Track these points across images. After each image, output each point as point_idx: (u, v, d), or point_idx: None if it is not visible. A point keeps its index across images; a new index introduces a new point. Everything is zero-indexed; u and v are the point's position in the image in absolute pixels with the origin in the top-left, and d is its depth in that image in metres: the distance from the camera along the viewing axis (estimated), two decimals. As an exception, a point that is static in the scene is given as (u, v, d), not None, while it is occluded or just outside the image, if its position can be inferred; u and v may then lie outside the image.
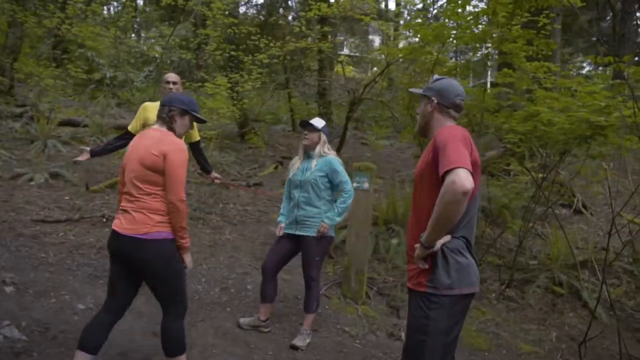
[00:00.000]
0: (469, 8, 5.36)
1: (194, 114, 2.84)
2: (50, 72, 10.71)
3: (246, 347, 3.55)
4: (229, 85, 9.42)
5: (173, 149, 2.64)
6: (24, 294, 3.74)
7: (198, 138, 4.66)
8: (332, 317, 4.37)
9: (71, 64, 11.86)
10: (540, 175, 5.77)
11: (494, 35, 5.42)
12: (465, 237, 2.24)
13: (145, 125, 4.27)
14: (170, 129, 2.77)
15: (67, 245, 4.94)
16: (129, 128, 4.31)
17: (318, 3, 7.98)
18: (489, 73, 11.09)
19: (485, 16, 5.11)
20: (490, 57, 5.38)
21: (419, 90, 2.49)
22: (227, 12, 9.56)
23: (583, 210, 8.10)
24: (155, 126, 2.81)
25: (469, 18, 4.87)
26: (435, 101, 2.35)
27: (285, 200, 3.96)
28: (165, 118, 2.77)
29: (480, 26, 5.54)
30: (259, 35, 9.39)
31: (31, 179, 6.90)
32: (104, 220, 5.79)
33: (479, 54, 5.57)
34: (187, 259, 2.78)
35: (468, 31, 4.99)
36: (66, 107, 11.60)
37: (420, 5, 15.06)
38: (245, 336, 3.72)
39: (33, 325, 3.32)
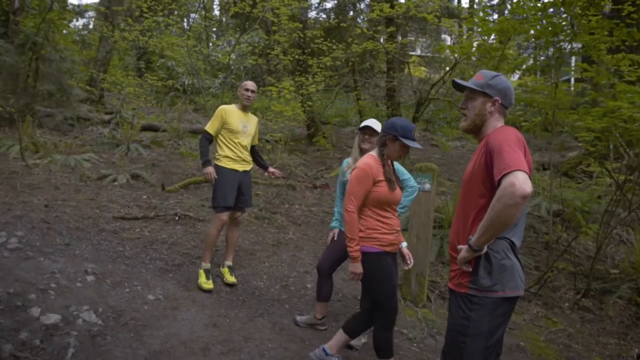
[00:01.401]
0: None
1: (404, 140, 2.92)
2: (131, 80, 11.54)
3: (301, 344, 3.61)
4: (292, 88, 9.63)
5: (354, 168, 2.95)
6: (102, 283, 4.06)
7: (257, 142, 4.86)
8: (390, 318, 4.32)
9: (153, 73, 12.69)
10: (623, 176, 5.34)
11: (570, 27, 5.11)
12: (510, 238, 2.14)
13: (223, 128, 4.50)
14: (381, 152, 3.00)
15: (142, 240, 5.29)
16: (209, 129, 4.56)
17: (380, 4, 7.94)
18: (572, 68, 10.44)
19: (555, 8, 4.81)
20: (563, 51, 5.05)
21: (471, 85, 2.36)
22: (295, 17, 9.79)
23: (677, 216, 7.38)
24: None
25: (534, 12, 4.59)
26: (500, 101, 2.27)
27: (339, 204, 3.95)
28: (379, 142, 3.03)
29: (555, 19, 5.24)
30: (322, 39, 9.52)
31: (115, 180, 7.48)
32: (177, 218, 6.14)
33: (550, 48, 5.23)
34: (350, 268, 2.89)
35: (537, 25, 4.73)
36: (148, 113, 12.45)
37: (495, 1, 14.55)
38: (301, 333, 3.79)
39: (108, 311, 3.60)
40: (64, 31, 13.91)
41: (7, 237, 4.56)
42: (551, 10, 5.20)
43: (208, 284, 4.32)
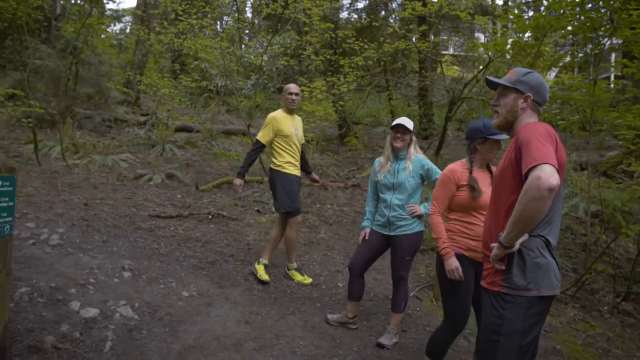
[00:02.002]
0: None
1: (493, 137, 2.96)
2: (166, 82, 11.80)
3: (332, 342, 3.62)
4: (324, 88, 9.64)
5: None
6: (138, 279, 4.17)
7: (303, 141, 4.89)
8: (422, 318, 4.29)
9: (187, 75, 12.95)
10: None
11: (610, 22, 4.93)
12: (545, 236, 2.09)
13: (277, 136, 4.57)
14: (471, 159, 3.04)
15: (177, 238, 5.42)
16: (261, 139, 4.60)
17: (413, 2, 7.86)
18: (612, 64, 10.10)
19: (593, 2, 4.65)
20: (602, 47, 4.88)
21: (503, 81, 2.34)
22: (327, 18, 9.79)
23: None
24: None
25: (571, 7, 4.43)
26: (532, 97, 2.24)
27: (371, 203, 3.95)
28: (469, 150, 3.06)
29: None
30: (354, 39, 9.50)
31: (150, 179, 7.68)
32: (210, 217, 6.25)
33: (588, 44, 5.06)
34: (445, 267, 2.90)
35: (574, 20, 4.59)
36: (182, 115, 12.70)
37: (531, -2, 14.18)
38: (332, 331, 3.79)
39: (144, 306, 3.70)
40: (102, 36, 14.36)
41: (49, 234, 4.75)
42: (589, 5, 5.04)
43: (306, 279, 4.65)
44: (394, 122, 3.73)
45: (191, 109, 14.79)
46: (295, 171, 4.67)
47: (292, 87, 4.71)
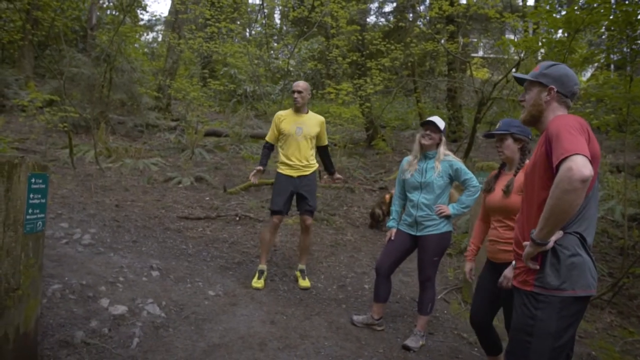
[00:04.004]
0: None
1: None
2: (195, 87, 12.00)
3: (357, 343, 3.57)
4: (350, 89, 9.60)
5: None
6: (166, 278, 4.23)
7: (326, 143, 4.85)
8: (450, 321, 4.20)
9: (217, 81, 13.15)
10: None
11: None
12: (581, 233, 2.00)
13: (280, 134, 4.57)
14: (523, 160, 3.06)
15: (204, 239, 5.48)
16: (267, 138, 4.68)
17: (440, 0, 7.75)
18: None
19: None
20: (639, 42, 4.69)
21: (527, 76, 2.29)
22: (353, 21, 9.78)
23: None
24: None
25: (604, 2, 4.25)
26: (556, 89, 2.17)
27: (398, 202, 3.89)
28: (523, 150, 3.05)
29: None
30: (380, 40, 9.44)
31: (180, 182, 7.81)
32: (237, 219, 6.30)
33: (623, 40, 4.86)
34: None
35: (609, 14, 4.42)
36: (211, 120, 12.89)
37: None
38: (358, 332, 3.75)
39: (171, 305, 3.74)
40: (136, 45, 14.74)
41: (81, 234, 4.88)
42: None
43: (257, 283, 4.42)
44: (426, 119, 3.70)
45: (220, 114, 15.01)
46: (289, 171, 4.54)
47: (296, 85, 4.59)
